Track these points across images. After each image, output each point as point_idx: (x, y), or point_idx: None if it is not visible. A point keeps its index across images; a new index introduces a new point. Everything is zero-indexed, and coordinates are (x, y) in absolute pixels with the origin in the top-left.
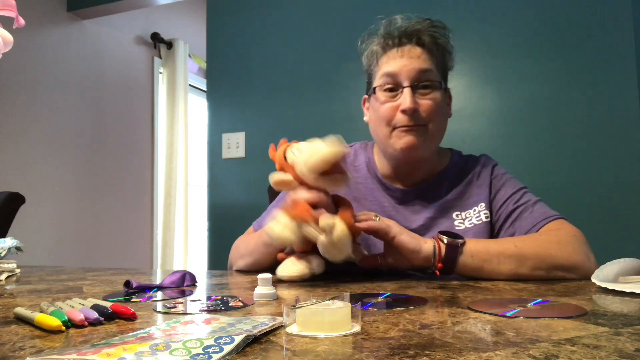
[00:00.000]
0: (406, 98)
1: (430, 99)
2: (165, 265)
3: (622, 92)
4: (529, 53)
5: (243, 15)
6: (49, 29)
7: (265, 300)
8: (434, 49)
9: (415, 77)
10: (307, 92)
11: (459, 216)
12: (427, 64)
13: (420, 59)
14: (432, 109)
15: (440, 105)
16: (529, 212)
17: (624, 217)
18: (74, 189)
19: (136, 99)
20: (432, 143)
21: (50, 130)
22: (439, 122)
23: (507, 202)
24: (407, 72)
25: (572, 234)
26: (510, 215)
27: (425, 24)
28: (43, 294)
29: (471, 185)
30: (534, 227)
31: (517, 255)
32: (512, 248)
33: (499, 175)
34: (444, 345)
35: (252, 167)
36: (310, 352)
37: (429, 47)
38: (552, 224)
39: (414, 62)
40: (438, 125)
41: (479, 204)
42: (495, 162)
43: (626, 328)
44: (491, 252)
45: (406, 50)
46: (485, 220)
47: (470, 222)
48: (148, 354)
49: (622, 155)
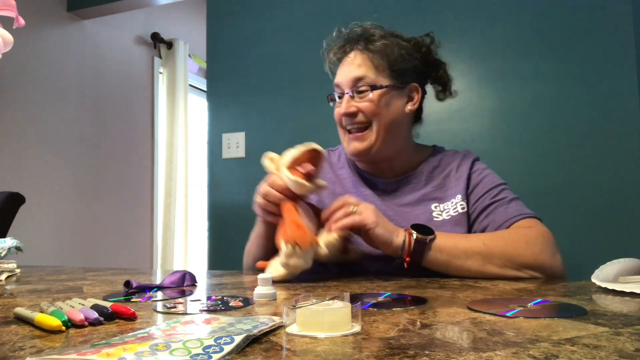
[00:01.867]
0: (342, 104)
1: (368, 101)
2: (165, 265)
3: (622, 92)
4: (529, 53)
5: (243, 16)
6: (49, 29)
7: (265, 300)
8: (369, 53)
9: (352, 84)
10: (307, 92)
11: (437, 207)
12: (360, 71)
13: (355, 65)
14: (370, 109)
15: (380, 105)
16: (503, 208)
17: (624, 217)
18: (74, 189)
19: (136, 99)
20: (385, 141)
21: (50, 130)
22: (383, 119)
23: (484, 196)
24: (346, 82)
25: (542, 234)
26: (485, 209)
27: (356, 31)
28: (43, 294)
29: (449, 178)
30: (506, 222)
31: (485, 252)
32: (480, 245)
33: (479, 170)
34: (444, 345)
35: (252, 167)
36: (310, 352)
37: (364, 53)
38: (524, 221)
39: (351, 71)
40: (384, 122)
41: (455, 196)
42: (476, 156)
43: (626, 328)
44: (459, 248)
45: (346, 60)
46: (462, 212)
47: (448, 213)
48: (148, 354)
49: (622, 155)
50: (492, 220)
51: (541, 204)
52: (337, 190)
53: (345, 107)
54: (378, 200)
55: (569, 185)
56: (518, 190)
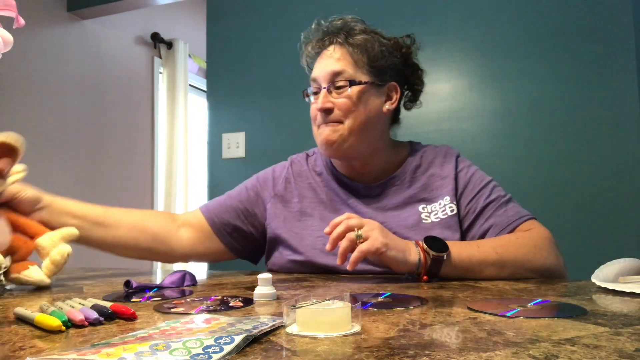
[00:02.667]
0: (319, 99)
1: (344, 97)
2: (165, 265)
3: (622, 92)
4: (529, 53)
5: (243, 16)
6: (49, 29)
7: (265, 300)
8: (349, 47)
9: (329, 79)
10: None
11: (425, 209)
12: (339, 65)
13: (333, 59)
14: (346, 106)
15: (357, 102)
16: (502, 211)
17: (624, 217)
18: (74, 189)
19: (136, 99)
20: (356, 137)
21: (50, 130)
22: (356, 117)
23: (477, 197)
24: (323, 76)
25: (546, 237)
26: (483, 211)
27: (337, 24)
28: (43, 294)
29: (434, 177)
30: (509, 226)
31: (499, 262)
32: (494, 255)
33: (464, 169)
34: (444, 345)
35: (252, 167)
36: (310, 352)
37: (343, 47)
38: (526, 224)
39: (329, 65)
40: (357, 119)
41: (444, 197)
42: (457, 152)
43: (626, 328)
44: (473, 261)
45: (324, 54)
46: (452, 214)
47: (436, 216)
48: (148, 354)
49: (622, 155)
50: (493, 223)
51: (541, 204)
52: (320, 195)
53: (322, 102)
54: (362, 205)
55: (569, 185)
56: (518, 190)
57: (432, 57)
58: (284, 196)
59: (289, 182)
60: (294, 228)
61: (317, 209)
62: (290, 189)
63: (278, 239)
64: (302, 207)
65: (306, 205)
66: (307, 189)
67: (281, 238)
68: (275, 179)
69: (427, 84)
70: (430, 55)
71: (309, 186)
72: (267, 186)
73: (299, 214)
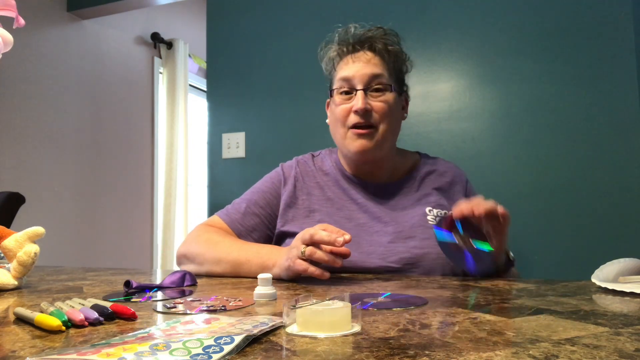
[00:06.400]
0: (358, 100)
1: (381, 101)
2: (165, 265)
3: (622, 92)
4: (529, 53)
5: (243, 15)
6: (49, 29)
7: (265, 300)
8: (386, 55)
9: (367, 81)
10: (307, 92)
11: (431, 212)
12: (378, 69)
13: (372, 64)
14: (384, 110)
15: (393, 107)
16: None
17: (624, 217)
18: (74, 189)
19: (136, 99)
20: (385, 144)
21: (50, 130)
22: (390, 123)
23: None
24: (360, 77)
25: None
26: None
27: (378, 32)
28: (43, 294)
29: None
30: None
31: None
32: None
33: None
34: (444, 345)
35: (252, 167)
36: (310, 352)
37: (381, 53)
38: None
39: (367, 67)
40: (389, 126)
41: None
42: (465, 173)
43: (626, 328)
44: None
45: (360, 56)
46: None
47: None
48: (148, 354)
49: (622, 155)
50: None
51: (541, 204)
52: (327, 193)
53: (363, 102)
54: (372, 204)
55: (569, 185)
56: (518, 190)
57: (432, 57)
58: (294, 194)
59: (297, 181)
60: (301, 224)
61: (324, 205)
62: (299, 187)
63: (286, 234)
64: (310, 203)
65: (314, 202)
66: (315, 187)
67: (289, 233)
68: (286, 179)
69: (427, 84)
70: (430, 55)
71: (317, 185)
72: (280, 185)
73: (307, 210)
